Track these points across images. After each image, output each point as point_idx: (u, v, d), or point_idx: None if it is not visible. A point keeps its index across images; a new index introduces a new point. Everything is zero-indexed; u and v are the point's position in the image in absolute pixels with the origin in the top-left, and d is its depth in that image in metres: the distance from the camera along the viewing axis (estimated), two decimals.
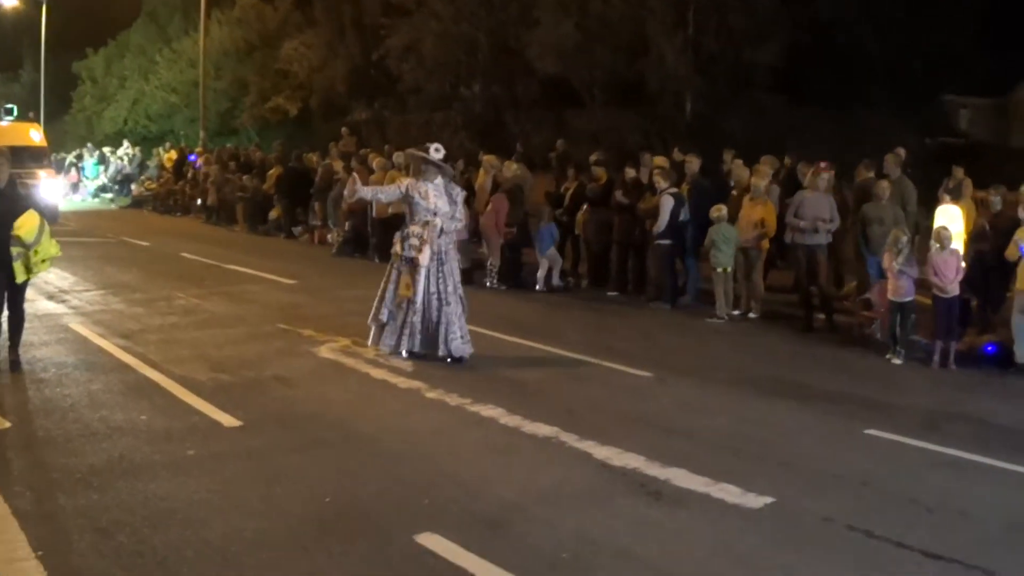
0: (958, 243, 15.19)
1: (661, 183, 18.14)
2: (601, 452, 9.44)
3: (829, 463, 9.49)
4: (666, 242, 17.94)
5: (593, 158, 21.67)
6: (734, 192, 18.16)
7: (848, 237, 17.55)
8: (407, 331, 13.25)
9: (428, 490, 8.30)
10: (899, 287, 14.35)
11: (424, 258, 13.17)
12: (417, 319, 13.21)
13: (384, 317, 13.45)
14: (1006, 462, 9.67)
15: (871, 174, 17.94)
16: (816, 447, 10.02)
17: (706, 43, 38.87)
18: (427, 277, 13.21)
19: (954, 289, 14.34)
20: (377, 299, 13.57)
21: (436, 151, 13.56)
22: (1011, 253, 14.28)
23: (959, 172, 18.26)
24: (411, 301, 13.20)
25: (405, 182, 13.81)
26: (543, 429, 10.15)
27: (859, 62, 42.07)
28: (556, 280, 20.31)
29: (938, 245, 14.39)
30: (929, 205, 16.34)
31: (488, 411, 10.79)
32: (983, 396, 12.85)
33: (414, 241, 13.27)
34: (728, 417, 11.09)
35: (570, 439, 9.83)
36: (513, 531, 7.51)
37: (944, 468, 9.56)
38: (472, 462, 9.20)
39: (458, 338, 13.25)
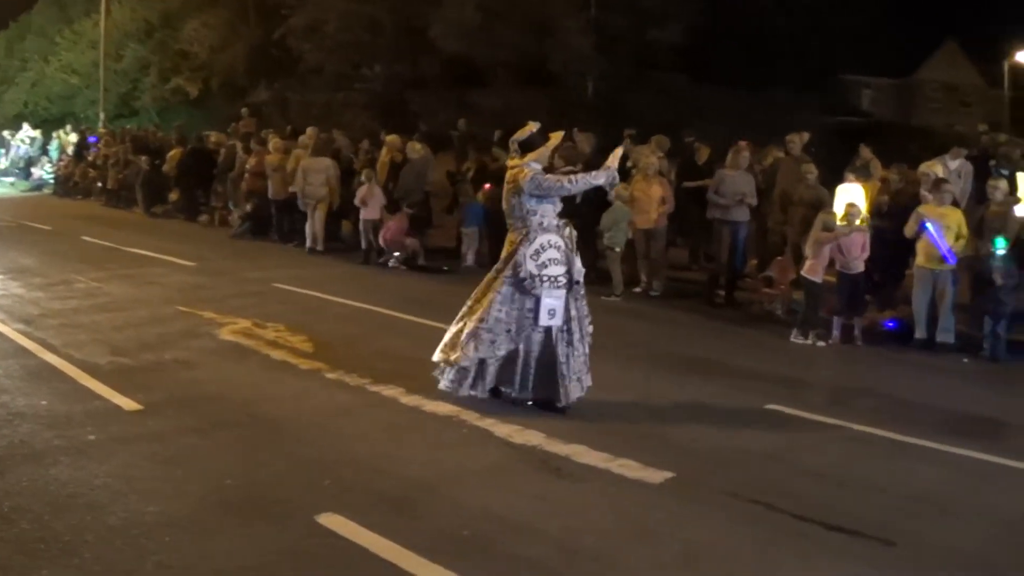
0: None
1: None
2: (503, 429, 9.53)
3: (731, 438, 9.65)
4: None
5: (496, 137, 21.79)
6: (634, 172, 18.29)
7: (768, 218, 17.77)
8: (518, 370, 10.36)
9: (330, 470, 8.33)
10: (815, 266, 14.60)
11: (579, 272, 10.54)
12: (535, 355, 10.38)
13: (485, 354, 10.34)
14: (908, 436, 9.91)
15: (780, 154, 18.24)
16: (718, 422, 10.17)
17: (610, 22, 39.08)
18: (570, 300, 10.40)
19: (859, 266, 14.63)
20: (471, 329, 10.46)
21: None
22: (911, 229, 14.59)
23: (866, 151, 18.50)
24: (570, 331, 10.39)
25: (550, 178, 10.66)
26: (444, 408, 10.21)
27: (763, 41, 42.49)
28: (468, 260, 20.40)
29: (846, 222, 14.65)
30: (830, 185, 16.60)
31: (389, 391, 10.82)
32: (885, 371, 13.14)
33: (553, 254, 10.29)
34: (629, 393, 11.26)
35: (471, 417, 9.91)
36: (416, 510, 7.56)
37: (847, 442, 9.77)
38: (374, 442, 9.24)
39: (583, 374, 10.63)
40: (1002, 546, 7.42)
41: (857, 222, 14.65)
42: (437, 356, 10.62)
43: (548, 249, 10.28)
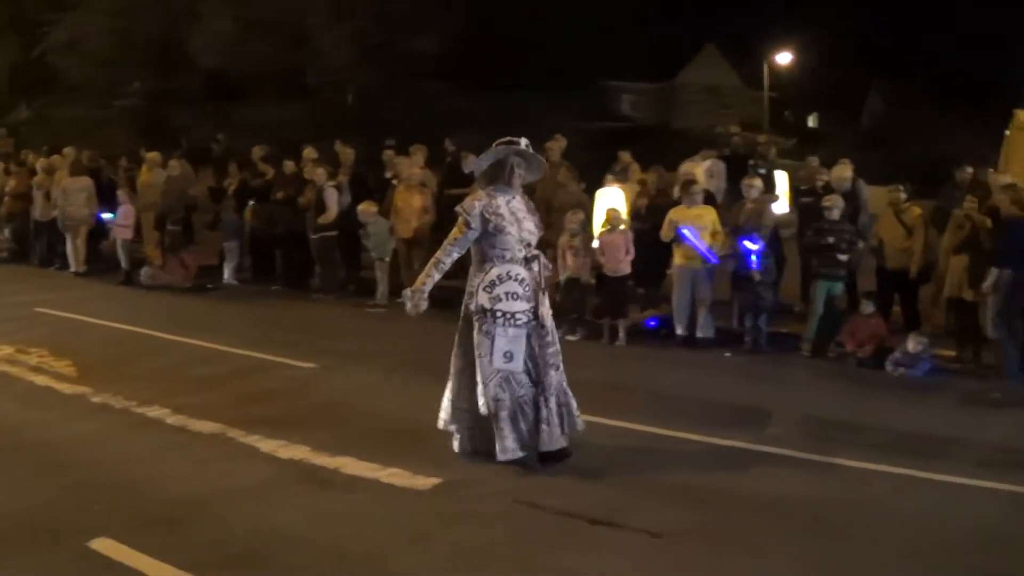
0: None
1: (317, 175, 18.44)
2: (268, 445, 9.59)
3: None
4: (332, 233, 18.23)
5: (258, 153, 21.80)
6: (395, 182, 18.53)
7: None
8: (543, 423, 9.14)
9: (100, 494, 8.29)
10: (576, 264, 15.05)
11: (547, 313, 9.33)
12: (530, 400, 9.18)
13: (484, 409, 9.12)
14: (670, 429, 10.25)
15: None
16: None
17: (369, 33, 39.22)
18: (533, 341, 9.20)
19: (623, 269, 15.06)
20: (458, 388, 9.49)
21: (526, 145, 9.45)
22: (666, 234, 15.05)
23: (625, 156, 18.91)
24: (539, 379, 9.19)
25: (477, 206, 9.14)
26: (209, 426, 10.23)
27: (524, 48, 43.08)
28: (228, 276, 20.38)
29: (609, 226, 15.12)
30: (590, 190, 17.00)
31: (154, 412, 10.79)
32: (647, 368, 13.59)
33: (514, 287, 9.08)
34: (394, 402, 11.41)
35: (237, 434, 9.95)
36: (186, 529, 7.58)
37: (614, 438, 9.99)
38: (142, 464, 9.20)
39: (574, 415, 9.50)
40: (763, 528, 7.73)
41: (621, 227, 15.16)
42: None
43: (507, 281, 9.08)
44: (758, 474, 9.10)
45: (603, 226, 15.14)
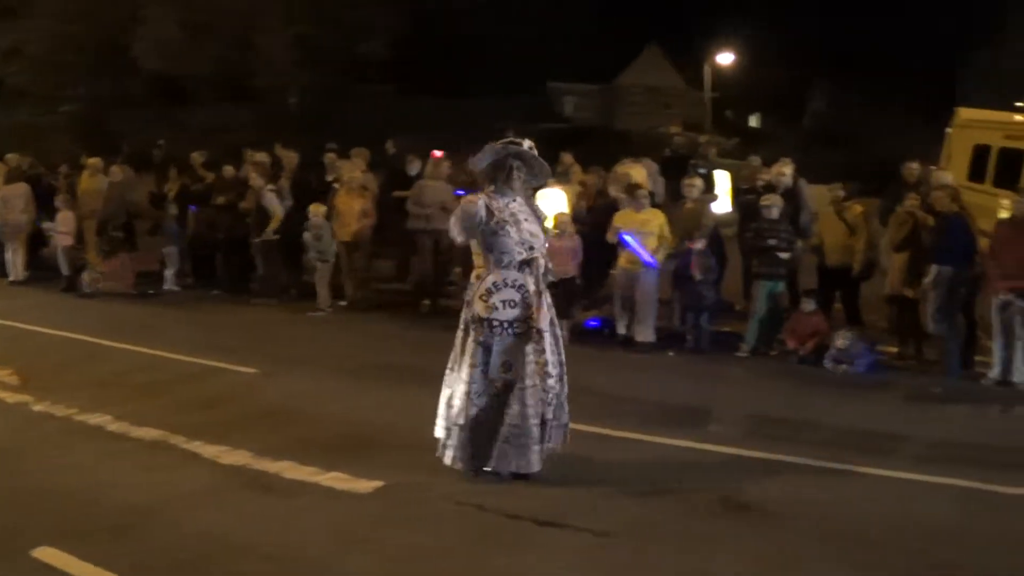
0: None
1: (256, 180, 18.35)
2: (209, 451, 9.55)
3: (436, 443, 9.64)
4: (274, 237, 18.16)
5: (198, 159, 21.69)
6: (336, 185, 18.50)
7: None
8: (526, 440, 8.67)
9: (43, 503, 8.24)
10: None
11: (544, 320, 8.92)
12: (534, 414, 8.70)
13: (463, 420, 8.80)
14: (613, 429, 10.32)
15: None
16: (426, 429, 10.21)
17: (316, 37, 39.17)
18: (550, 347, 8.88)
19: (571, 271, 15.05)
20: (450, 398, 9.01)
21: (531, 148, 8.98)
22: (611, 238, 15.15)
23: (567, 157, 18.86)
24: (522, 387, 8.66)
25: (481, 198, 8.85)
26: (151, 433, 10.17)
27: (470, 51, 43.22)
28: (169, 282, 20.25)
29: (557, 230, 15.14)
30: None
31: (96, 419, 10.70)
32: (589, 369, 13.58)
33: (511, 295, 8.76)
34: (337, 406, 11.40)
35: (179, 440, 9.89)
36: (129, 536, 7.53)
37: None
38: (86, 471, 9.15)
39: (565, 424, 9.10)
40: (707, 526, 7.78)
41: (569, 231, 15.19)
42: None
43: (504, 288, 8.75)
44: (702, 473, 9.17)
45: (552, 231, 15.17)
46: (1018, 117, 24.13)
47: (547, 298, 8.96)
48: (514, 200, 8.87)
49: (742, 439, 10.23)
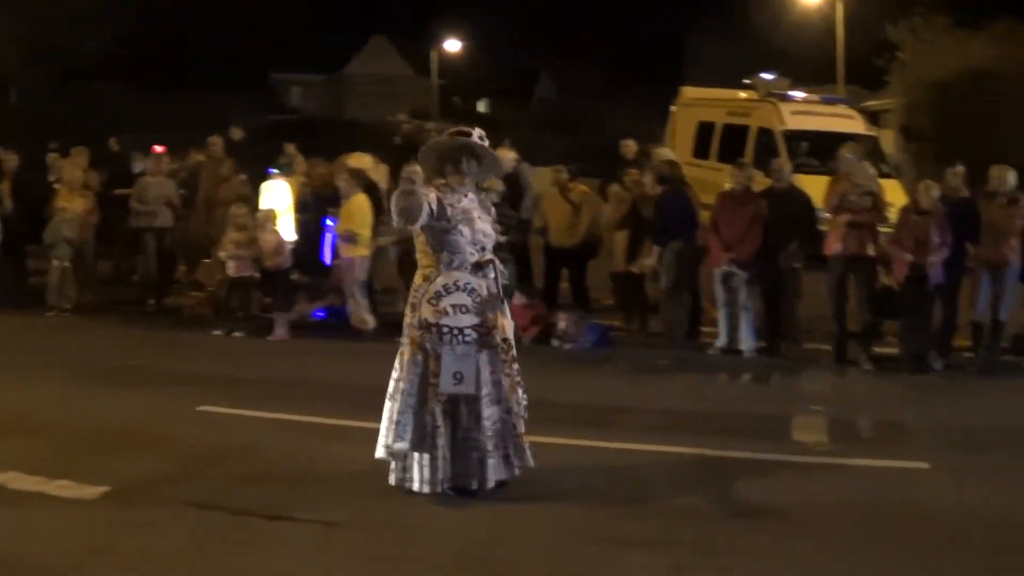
0: (289, 216, 15.65)
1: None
2: None
3: (165, 443, 9.60)
4: None
5: None
6: (57, 185, 17.97)
7: (192, 221, 17.91)
8: (477, 453, 8.08)
9: None
10: (237, 266, 15.07)
11: (509, 329, 8.39)
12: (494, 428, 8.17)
13: (409, 436, 8.12)
14: (350, 420, 10.15)
15: (201, 156, 18.47)
16: (152, 429, 10.10)
17: (37, 32, 38.04)
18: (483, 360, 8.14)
19: (284, 263, 15.00)
20: (394, 411, 8.21)
21: (481, 138, 8.21)
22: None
23: (290, 148, 18.77)
24: (477, 399, 8.06)
25: (432, 193, 7.95)
26: None
27: (195, 45, 42.73)
28: None
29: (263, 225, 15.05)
30: (257, 184, 16.84)
31: None
32: (316, 361, 13.59)
33: (462, 299, 8.03)
34: (67, 413, 10.92)
35: None
36: None
37: (285, 433, 9.99)
38: None
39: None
40: (428, 512, 7.87)
41: (271, 226, 15.09)
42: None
43: (455, 292, 8.05)
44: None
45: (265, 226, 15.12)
46: (742, 94, 25.16)
47: (507, 305, 8.41)
48: (466, 196, 8.18)
49: None
